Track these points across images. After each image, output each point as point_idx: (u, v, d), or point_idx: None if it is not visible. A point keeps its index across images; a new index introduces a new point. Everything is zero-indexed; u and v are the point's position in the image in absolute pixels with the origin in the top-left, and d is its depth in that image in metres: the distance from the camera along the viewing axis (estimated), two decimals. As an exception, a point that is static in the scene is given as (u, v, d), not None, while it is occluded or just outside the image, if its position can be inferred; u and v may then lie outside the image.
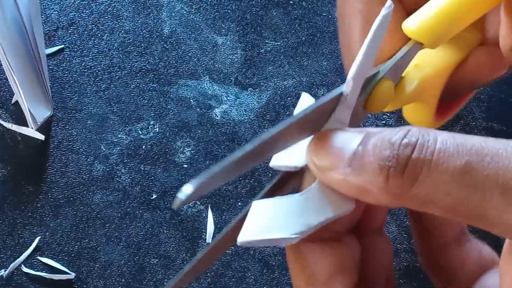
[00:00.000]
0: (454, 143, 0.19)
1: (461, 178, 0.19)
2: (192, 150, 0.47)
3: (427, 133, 0.19)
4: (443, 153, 0.19)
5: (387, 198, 0.20)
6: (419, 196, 0.19)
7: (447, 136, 0.19)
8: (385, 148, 0.19)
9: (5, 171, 0.46)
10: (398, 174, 0.19)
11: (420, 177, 0.19)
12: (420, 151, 0.19)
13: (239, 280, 0.44)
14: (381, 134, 0.20)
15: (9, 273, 0.43)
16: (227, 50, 0.51)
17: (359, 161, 0.20)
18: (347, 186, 0.21)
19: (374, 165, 0.20)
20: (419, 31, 0.28)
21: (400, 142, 0.19)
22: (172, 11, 0.52)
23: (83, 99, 0.48)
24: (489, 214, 0.19)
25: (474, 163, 0.19)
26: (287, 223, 0.22)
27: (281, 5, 0.53)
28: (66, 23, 0.51)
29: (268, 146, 0.21)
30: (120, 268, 0.44)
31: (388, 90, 0.26)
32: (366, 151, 0.20)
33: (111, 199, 0.45)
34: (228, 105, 0.49)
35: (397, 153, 0.19)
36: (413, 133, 0.19)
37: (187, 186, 0.19)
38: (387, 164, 0.19)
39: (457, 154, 0.19)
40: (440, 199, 0.19)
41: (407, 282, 0.44)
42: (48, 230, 0.44)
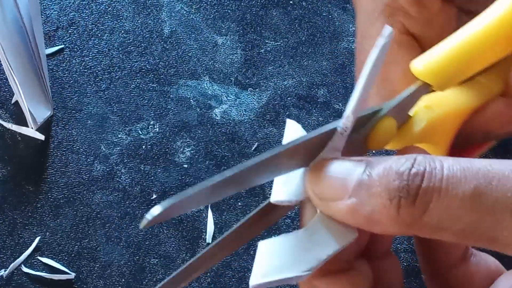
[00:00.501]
0: (461, 168, 0.19)
1: (471, 202, 0.19)
2: (192, 150, 0.47)
3: (433, 161, 0.20)
4: (452, 179, 0.19)
5: (397, 227, 0.20)
6: (431, 224, 0.19)
7: (452, 162, 0.19)
8: (393, 179, 0.19)
9: (5, 171, 0.46)
10: (410, 204, 0.19)
11: (431, 205, 0.19)
12: (429, 180, 0.19)
13: (239, 280, 0.44)
14: (386, 164, 0.20)
15: (9, 273, 0.43)
16: (227, 50, 0.51)
17: (366, 191, 0.20)
18: (354, 217, 0.20)
19: (383, 195, 0.19)
20: (426, 71, 0.27)
21: (409, 172, 0.19)
22: (172, 11, 0.52)
23: (83, 99, 0.48)
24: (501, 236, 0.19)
25: (483, 187, 0.19)
26: (296, 260, 0.21)
27: (281, 5, 0.53)
28: (66, 23, 0.51)
29: (251, 174, 0.21)
30: (120, 268, 0.44)
31: (389, 128, 0.25)
32: (372, 181, 0.20)
33: (111, 199, 0.45)
34: (228, 105, 0.49)
35: (407, 183, 0.19)
36: (420, 162, 0.19)
37: (156, 208, 0.18)
38: (397, 194, 0.19)
39: (465, 179, 0.19)
40: (451, 225, 0.19)
41: (407, 282, 0.44)
42: (48, 230, 0.44)
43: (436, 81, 0.27)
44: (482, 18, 0.28)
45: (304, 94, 0.50)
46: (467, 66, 0.28)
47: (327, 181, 0.21)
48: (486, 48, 0.28)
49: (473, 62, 0.28)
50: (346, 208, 0.20)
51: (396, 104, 0.25)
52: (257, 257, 0.22)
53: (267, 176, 0.22)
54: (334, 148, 0.22)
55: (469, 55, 0.28)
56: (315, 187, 0.21)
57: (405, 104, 0.26)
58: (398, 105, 0.26)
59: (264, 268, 0.22)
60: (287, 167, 0.22)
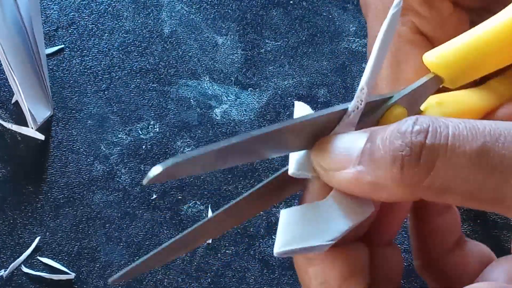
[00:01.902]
0: (466, 127, 0.19)
1: (478, 160, 0.18)
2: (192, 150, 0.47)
3: (437, 119, 0.19)
4: (458, 136, 0.18)
5: (402, 190, 0.19)
6: (437, 184, 0.19)
7: (457, 121, 0.19)
8: (395, 138, 0.19)
9: (5, 171, 0.46)
10: (414, 163, 0.18)
11: (436, 163, 0.18)
12: (434, 137, 0.18)
13: (239, 280, 0.44)
14: (389, 128, 0.20)
15: (9, 273, 0.43)
16: (227, 50, 0.51)
17: (369, 157, 0.20)
18: (359, 184, 0.20)
19: (386, 157, 0.19)
20: (439, 63, 0.27)
21: (411, 129, 0.19)
22: (172, 11, 0.52)
23: (83, 99, 0.48)
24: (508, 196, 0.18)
25: (490, 144, 0.18)
26: (319, 230, 0.21)
27: (281, 5, 0.53)
28: (66, 23, 0.51)
29: (258, 144, 0.20)
30: (120, 268, 0.43)
31: (399, 116, 0.25)
32: (375, 146, 0.19)
33: (111, 199, 0.45)
34: (228, 105, 0.49)
35: (410, 140, 0.19)
36: (423, 120, 0.19)
37: (157, 166, 0.18)
38: (400, 153, 0.19)
39: (472, 137, 0.18)
40: (458, 185, 0.18)
41: (407, 282, 0.44)
42: (48, 230, 0.44)
43: (448, 74, 0.27)
44: (499, 17, 0.27)
45: (304, 94, 0.50)
46: (480, 62, 0.28)
47: (332, 152, 0.21)
48: (500, 47, 0.27)
49: (486, 59, 0.28)
50: (350, 177, 0.20)
51: (406, 94, 0.25)
52: (280, 225, 0.22)
53: (274, 151, 0.21)
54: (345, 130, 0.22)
55: (483, 51, 0.27)
56: (320, 159, 0.21)
57: (416, 96, 0.26)
58: (409, 95, 0.25)
59: (288, 236, 0.21)
60: (294, 144, 0.22)
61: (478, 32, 0.28)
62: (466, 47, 0.27)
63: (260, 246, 0.45)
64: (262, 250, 0.45)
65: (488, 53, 0.27)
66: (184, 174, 0.19)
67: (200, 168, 0.19)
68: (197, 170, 0.19)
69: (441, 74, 0.27)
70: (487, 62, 0.28)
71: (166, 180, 0.19)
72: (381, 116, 0.24)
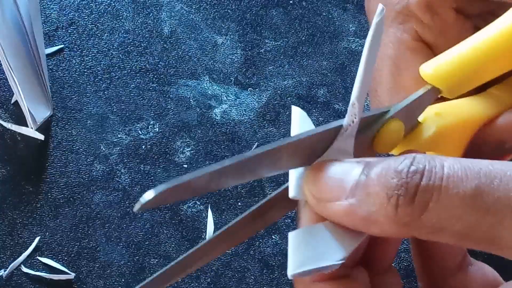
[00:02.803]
0: (462, 168, 0.19)
1: (472, 202, 0.18)
2: (192, 150, 0.47)
3: (433, 159, 0.19)
4: (452, 178, 0.19)
5: (395, 228, 0.19)
6: (430, 224, 0.19)
7: (453, 161, 0.19)
8: (391, 177, 0.19)
9: (5, 171, 0.46)
10: (408, 202, 0.19)
11: (430, 204, 0.19)
12: (429, 178, 0.19)
13: (239, 280, 0.44)
14: (384, 163, 0.20)
15: (9, 273, 0.43)
16: (227, 50, 0.51)
17: (363, 190, 0.20)
18: (351, 217, 0.20)
19: (381, 194, 0.19)
20: (435, 75, 0.27)
21: (408, 170, 0.19)
22: (172, 11, 0.52)
23: (83, 99, 0.48)
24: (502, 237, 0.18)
25: (484, 186, 0.18)
26: (330, 250, 0.21)
27: (281, 5, 0.53)
28: (66, 23, 0.51)
29: (251, 166, 0.20)
30: (120, 268, 0.44)
31: (396, 130, 0.24)
32: (370, 181, 0.19)
33: (111, 199, 0.45)
34: (228, 105, 0.49)
35: (406, 181, 0.19)
36: (420, 160, 0.19)
37: (149, 192, 0.18)
38: (395, 193, 0.19)
39: (466, 178, 0.19)
40: (451, 225, 0.19)
41: (407, 282, 0.44)
42: (48, 230, 0.44)
43: (445, 86, 0.27)
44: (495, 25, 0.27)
45: (304, 94, 0.50)
46: (477, 72, 0.27)
47: (324, 181, 0.21)
48: (497, 55, 0.27)
49: (484, 68, 0.27)
50: (343, 209, 0.20)
51: (404, 107, 0.25)
52: (290, 247, 0.22)
53: (268, 170, 0.21)
54: (340, 149, 0.22)
55: (480, 61, 0.27)
56: (312, 187, 0.21)
57: (413, 108, 0.26)
58: (406, 108, 0.25)
59: (300, 258, 0.21)
60: (289, 163, 0.22)
61: (475, 41, 0.27)
62: (463, 57, 0.27)
63: (260, 246, 0.45)
64: (262, 250, 0.45)
65: (486, 62, 0.27)
66: (176, 199, 0.19)
67: (193, 192, 0.19)
68: (189, 193, 0.19)
69: (438, 85, 0.27)
70: (485, 71, 0.28)
71: (158, 205, 0.19)
72: (378, 130, 0.24)
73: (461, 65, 0.27)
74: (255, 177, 0.21)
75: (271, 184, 0.46)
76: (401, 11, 0.32)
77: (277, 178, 0.47)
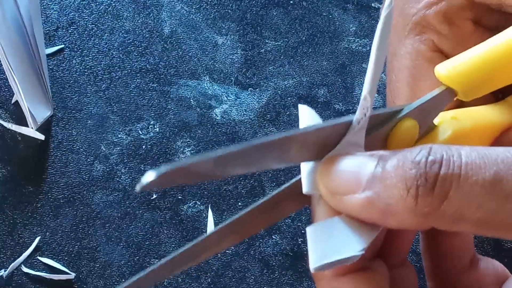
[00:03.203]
0: (479, 156, 0.19)
1: (491, 189, 0.18)
2: (192, 150, 0.47)
3: (450, 149, 0.19)
4: (471, 165, 0.19)
5: (414, 219, 0.19)
6: (450, 213, 0.19)
7: (470, 150, 0.19)
8: (410, 168, 0.19)
9: (5, 171, 0.46)
10: (428, 192, 0.19)
11: (450, 193, 0.19)
12: (447, 167, 0.19)
13: (239, 280, 0.44)
14: (400, 155, 0.20)
15: (9, 273, 0.43)
16: (227, 50, 0.51)
17: (380, 183, 0.20)
18: (369, 210, 0.20)
19: (400, 186, 0.19)
20: (450, 75, 0.26)
21: (426, 160, 0.19)
22: (172, 11, 0.52)
23: (83, 99, 0.48)
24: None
25: (503, 172, 0.18)
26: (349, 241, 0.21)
27: (282, 5, 0.53)
28: (66, 23, 0.51)
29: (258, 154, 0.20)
30: (120, 268, 0.44)
31: (411, 129, 0.24)
32: (387, 173, 0.20)
33: (111, 199, 0.45)
34: (228, 105, 0.49)
35: (425, 171, 0.19)
36: (437, 150, 0.19)
37: (150, 173, 0.17)
38: (415, 183, 0.19)
39: (485, 166, 0.19)
40: (471, 214, 0.19)
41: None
42: (48, 230, 0.44)
43: (460, 87, 0.27)
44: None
45: (305, 94, 0.50)
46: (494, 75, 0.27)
47: (339, 175, 0.21)
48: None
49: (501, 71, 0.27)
50: (360, 202, 0.20)
51: (418, 106, 0.25)
52: (310, 242, 0.21)
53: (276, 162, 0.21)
54: (351, 143, 0.22)
55: (497, 63, 0.27)
56: (327, 181, 0.21)
57: (428, 109, 0.25)
58: (421, 107, 0.25)
59: (321, 251, 0.21)
60: (298, 156, 0.21)
61: (493, 43, 0.27)
62: (479, 58, 0.27)
63: (260, 246, 0.45)
64: (262, 250, 0.45)
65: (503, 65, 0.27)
66: (180, 182, 0.18)
67: (197, 176, 0.19)
68: (193, 178, 0.19)
69: (453, 86, 0.26)
70: (502, 74, 0.27)
71: (160, 187, 0.18)
72: (391, 128, 0.24)
73: (477, 67, 0.27)
74: (263, 168, 0.21)
75: (271, 184, 0.46)
76: (419, 22, 0.32)
77: (278, 178, 0.47)
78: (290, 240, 0.45)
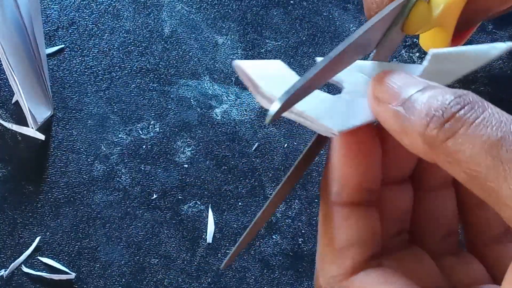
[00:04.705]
0: (499, 118, 0.20)
1: (489, 148, 0.19)
2: (192, 150, 0.47)
3: (482, 101, 0.20)
4: (485, 121, 0.20)
5: (421, 145, 0.21)
6: (450, 152, 0.20)
7: (496, 111, 0.20)
8: (437, 99, 0.21)
9: (5, 171, 0.46)
10: (438, 125, 0.20)
11: (456, 134, 0.20)
12: (466, 112, 0.20)
13: (239, 280, 0.44)
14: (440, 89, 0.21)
15: (9, 273, 0.43)
16: (228, 49, 0.51)
17: (412, 104, 0.21)
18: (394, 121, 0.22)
19: (422, 111, 0.21)
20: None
21: (454, 98, 0.20)
22: (172, 11, 0.52)
23: (84, 99, 0.48)
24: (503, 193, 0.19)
25: (506, 140, 0.19)
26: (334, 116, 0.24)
27: (282, 5, 0.53)
28: (67, 23, 0.51)
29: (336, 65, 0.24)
30: (120, 268, 0.44)
31: (424, 11, 0.27)
32: (421, 97, 0.21)
33: (111, 199, 0.45)
34: (228, 105, 0.49)
35: (446, 106, 0.20)
36: (469, 97, 0.21)
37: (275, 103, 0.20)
38: (432, 113, 0.20)
39: (496, 127, 0.20)
40: (465, 161, 0.20)
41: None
42: (48, 230, 0.44)
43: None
44: None
45: (305, 94, 0.50)
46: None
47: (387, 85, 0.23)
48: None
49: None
50: (389, 113, 0.22)
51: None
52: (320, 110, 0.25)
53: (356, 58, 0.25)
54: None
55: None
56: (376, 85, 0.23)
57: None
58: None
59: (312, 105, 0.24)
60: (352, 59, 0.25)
61: None
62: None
63: (260, 246, 0.45)
64: (263, 250, 0.45)
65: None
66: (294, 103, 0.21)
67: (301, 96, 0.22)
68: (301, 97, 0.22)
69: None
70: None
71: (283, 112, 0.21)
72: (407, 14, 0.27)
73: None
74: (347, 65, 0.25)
75: (271, 184, 0.46)
76: None
77: (278, 178, 0.47)
78: (290, 240, 0.45)
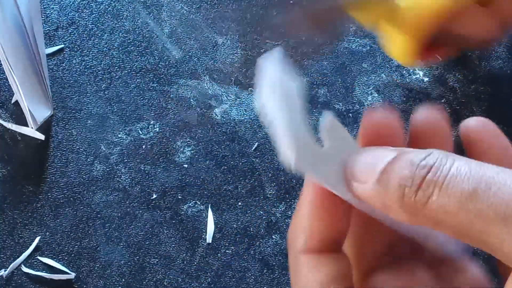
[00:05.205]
0: (468, 170, 0.20)
1: (467, 203, 0.20)
2: (192, 150, 0.47)
3: (446, 157, 0.20)
4: (455, 177, 0.20)
5: (405, 215, 0.21)
6: (431, 216, 0.20)
7: (464, 163, 0.20)
8: (405, 168, 0.21)
9: (5, 171, 0.46)
10: (412, 193, 0.20)
11: (432, 197, 0.20)
12: (434, 173, 0.20)
13: (239, 280, 0.44)
14: (409, 153, 0.21)
15: (9, 273, 0.43)
16: (227, 49, 0.51)
17: (386, 177, 0.21)
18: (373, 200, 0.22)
19: (395, 183, 0.21)
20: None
21: (419, 163, 0.20)
22: (172, 11, 0.52)
23: (83, 98, 0.48)
24: (491, 241, 0.19)
25: (481, 190, 0.19)
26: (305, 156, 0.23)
27: (282, 5, 0.53)
28: (66, 23, 0.51)
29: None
30: (120, 268, 0.44)
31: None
32: (392, 169, 0.21)
33: (111, 199, 0.45)
34: (228, 104, 0.49)
35: (414, 173, 0.20)
36: (433, 156, 0.20)
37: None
38: (404, 183, 0.20)
39: (467, 180, 0.20)
40: (448, 221, 0.20)
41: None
42: (48, 230, 0.44)
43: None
44: None
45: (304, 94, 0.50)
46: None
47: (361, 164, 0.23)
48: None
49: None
50: (368, 192, 0.22)
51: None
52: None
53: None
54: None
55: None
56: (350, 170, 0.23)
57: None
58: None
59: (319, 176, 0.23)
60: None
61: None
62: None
63: (260, 246, 0.45)
64: (262, 250, 0.45)
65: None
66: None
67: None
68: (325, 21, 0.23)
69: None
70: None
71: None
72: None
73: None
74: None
75: (271, 184, 0.46)
76: None
77: (278, 178, 0.47)
78: (290, 240, 0.45)
